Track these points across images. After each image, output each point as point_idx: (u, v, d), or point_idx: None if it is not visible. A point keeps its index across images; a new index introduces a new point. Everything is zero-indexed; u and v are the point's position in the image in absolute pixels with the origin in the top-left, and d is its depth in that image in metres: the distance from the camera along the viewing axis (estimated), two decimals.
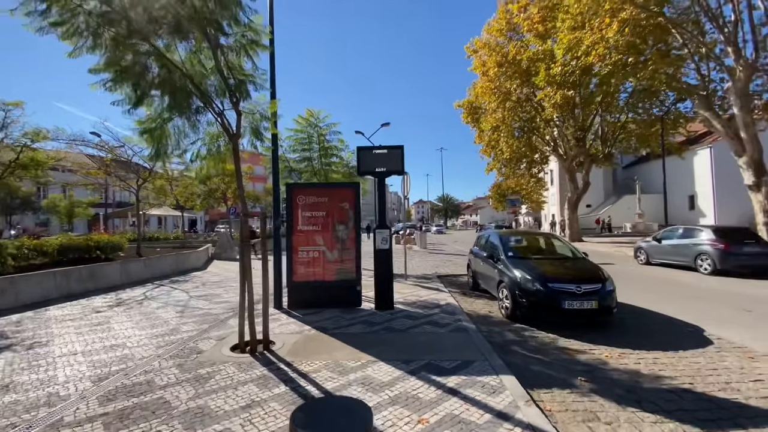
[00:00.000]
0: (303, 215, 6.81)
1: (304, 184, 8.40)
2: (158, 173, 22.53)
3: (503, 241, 7.30)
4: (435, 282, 9.92)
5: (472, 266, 8.86)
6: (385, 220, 6.81)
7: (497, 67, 21.16)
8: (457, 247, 23.76)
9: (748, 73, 11.58)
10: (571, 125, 23.69)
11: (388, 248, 6.65)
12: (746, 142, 12.29)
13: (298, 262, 6.76)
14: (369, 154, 6.78)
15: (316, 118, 9.27)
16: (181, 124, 5.14)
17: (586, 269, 6.19)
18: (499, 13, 24.51)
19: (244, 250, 4.76)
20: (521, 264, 6.40)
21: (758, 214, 12.18)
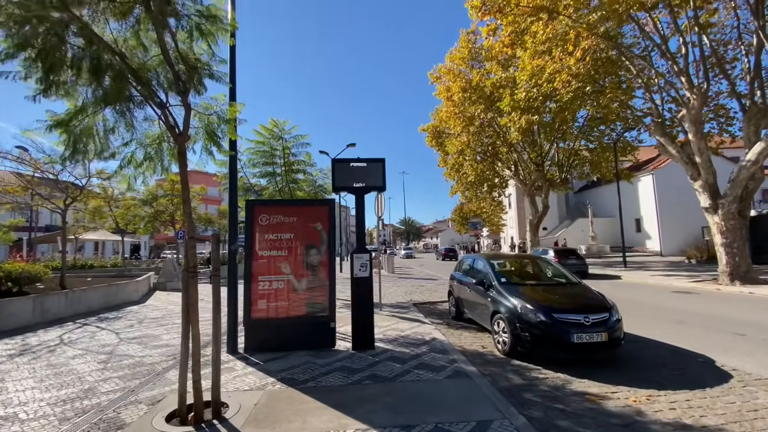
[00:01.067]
0: (266, 238, 5.72)
1: (268, 201, 7.26)
2: (94, 192, 20.13)
3: (493, 267, 6.61)
4: (413, 311, 9.02)
5: (455, 293, 8.08)
6: (364, 243, 5.89)
7: (462, 92, 21.47)
8: (425, 272, 23.10)
9: (700, 102, 12.23)
10: (531, 150, 24.41)
11: (368, 276, 5.71)
12: (701, 167, 12.86)
13: (258, 295, 5.61)
14: (346, 167, 5.91)
15: (280, 129, 8.31)
16: (113, 119, 4.04)
17: (590, 297, 5.61)
18: (462, 42, 25.31)
19: (189, 282, 3.64)
20: (517, 292, 5.71)
21: (716, 235, 12.63)
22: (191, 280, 3.65)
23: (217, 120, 4.60)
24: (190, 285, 3.64)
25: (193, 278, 3.70)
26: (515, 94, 17.76)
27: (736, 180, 11.88)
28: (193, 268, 3.67)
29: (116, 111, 3.94)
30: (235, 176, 5.95)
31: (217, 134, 4.58)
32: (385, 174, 6.02)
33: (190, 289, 3.63)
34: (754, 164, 11.40)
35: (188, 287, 3.64)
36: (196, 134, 4.39)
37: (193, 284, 3.65)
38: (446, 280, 17.45)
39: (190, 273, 3.63)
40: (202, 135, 4.51)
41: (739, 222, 12.22)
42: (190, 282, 3.65)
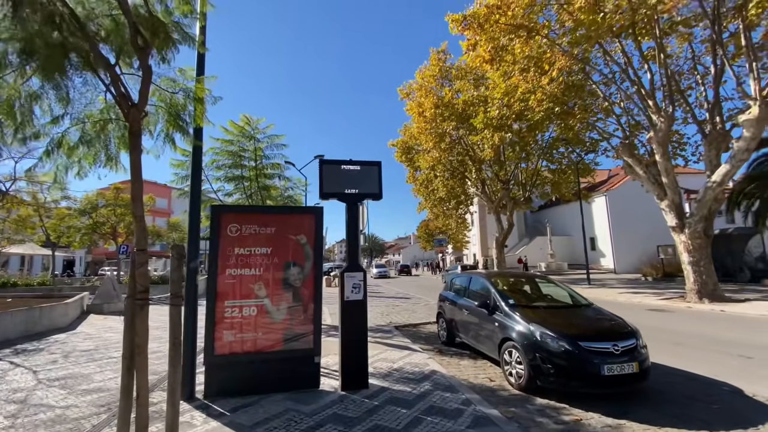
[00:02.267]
0: (235, 252, 4.65)
1: (239, 208, 6.10)
2: (18, 198, 17.52)
3: (497, 286, 5.92)
4: (396, 335, 8.11)
5: (447, 315, 7.31)
6: (357, 259, 4.99)
7: (434, 109, 21.38)
8: (394, 290, 22.25)
9: (667, 124, 12.71)
10: (499, 169, 24.76)
11: (362, 299, 4.79)
12: (667, 187, 13.28)
13: (224, 324, 4.49)
14: (336, 170, 5.03)
15: (253, 128, 7.28)
16: (38, 82, 2.98)
17: (611, 320, 5.05)
18: (432, 60, 25.53)
19: (136, 312, 2.57)
20: (530, 316, 5.03)
21: (683, 253, 12.97)
22: (140, 310, 2.58)
23: (183, 100, 3.61)
24: (138, 317, 2.57)
25: (142, 308, 2.64)
26: (488, 112, 17.85)
27: (702, 200, 12.32)
28: (144, 294, 2.60)
29: (44, 73, 2.86)
30: (200, 173, 4.86)
31: (182, 117, 3.58)
32: (381, 180, 5.21)
33: (138, 322, 2.56)
34: (719, 185, 11.89)
35: (134, 319, 2.57)
36: (155, 113, 3.37)
37: (141, 316, 2.58)
38: (420, 298, 16.82)
39: (139, 300, 2.57)
40: (163, 117, 3.49)
41: (705, 241, 12.64)
42: (137, 312, 2.58)
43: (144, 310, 2.70)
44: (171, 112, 3.49)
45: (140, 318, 2.58)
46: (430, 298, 16.74)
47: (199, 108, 3.71)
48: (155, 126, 3.58)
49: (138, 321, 2.56)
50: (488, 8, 12.10)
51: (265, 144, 7.52)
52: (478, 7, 12.40)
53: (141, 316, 2.58)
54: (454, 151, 23.55)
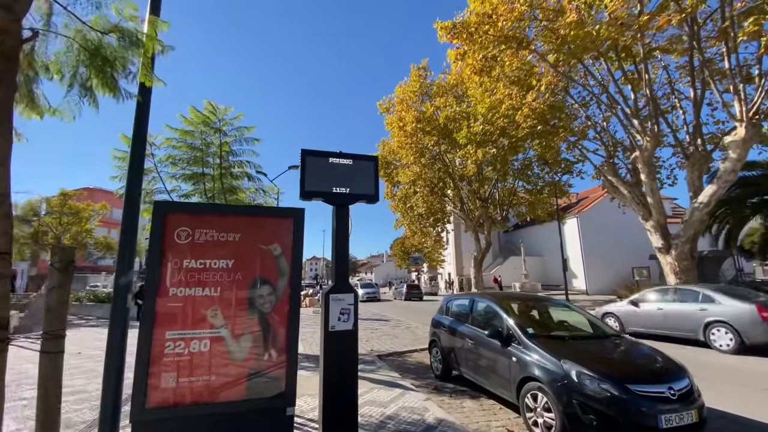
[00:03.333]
0: (184, 266, 3.45)
1: (193, 206, 4.69)
2: None
3: (509, 311, 4.97)
4: (381, 368, 6.95)
5: (443, 344, 6.26)
6: (347, 277, 3.91)
7: (415, 122, 20.88)
8: (370, 310, 20.97)
9: (653, 144, 12.59)
10: (479, 186, 24.49)
11: (352, 329, 3.70)
12: (652, 207, 13.09)
13: (162, 364, 3.25)
14: (322, 164, 4.01)
15: (219, 119, 6.14)
16: None
17: (655, 356, 4.19)
18: (413, 76, 25.33)
19: None
20: (557, 349, 4.10)
21: (669, 275, 12.68)
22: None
23: (123, 42, 2.50)
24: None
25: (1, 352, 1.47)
26: (472, 127, 17.46)
27: (689, 221, 12.13)
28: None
29: None
30: (142, 152, 3.67)
31: (114, 65, 2.47)
32: (378, 178, 4.22)
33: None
34: (706, 206, 11.74)
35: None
36: (70, 50, 2.26)
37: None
38: (400, 320, 15.61)
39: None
40: (79, 57, 2.37)
41: (691, 263, 12.40)
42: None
43: (2, 356, 1.54)
44: (94, 54, 2.38)
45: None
46: (410, 320, 15.65)
47: (145, 60, 2.61)
48: (72, 70, 2.46)
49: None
50: (478, 16, 11.68)
51: (233, 138, 6.38)
52: (468, 16, 11.98)
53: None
54: (435, 167, 23.06)
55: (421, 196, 23.91)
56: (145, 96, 3.49)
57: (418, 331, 11.97)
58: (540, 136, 16.88)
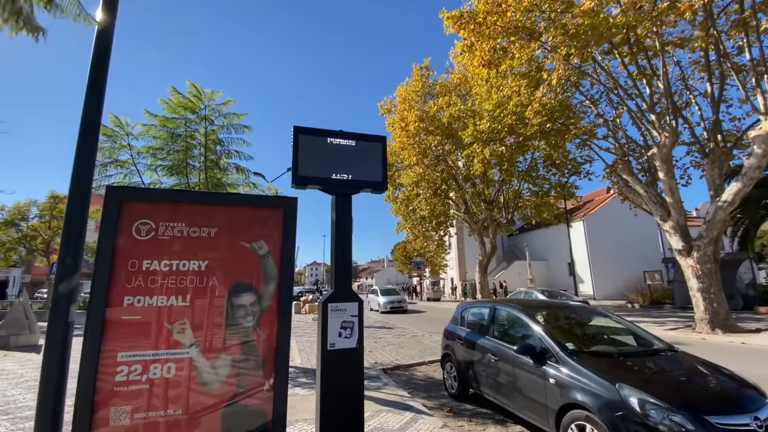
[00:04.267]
0: (144, 267, 2.73)
1: (156, 193, 3.65)
2: None
3: (540, 322, 4.23)
4: (388, 384, 6.18)
5: (458, 358, 5.50)
6: (349, 281, 3.19)
7: (418, 122, 20.23)
8: (373, 317, 20.15)
9: (672, 139, 11.90)
10: (485, 187, 23.83)
11: (356, 347, 2.96)
12: (671, 207, 12.38)
13: (113, 395, 2.52)
14: (319, 144, 3.30)
15: (205, 105, 5.45)
16: None
17: (726, 376, 3.44)
18: (415, 76, 24.78)
19: None
20: (606, 369, 3.36)
21: (690, 279, 11.92)
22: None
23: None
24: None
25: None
26: (478, 125, 16.80)
27: (712, 221, 11.40)
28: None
29: None
30: (99, 103, 2.90)
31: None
32: (386, 163, 3.52)
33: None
34: (731, 205, 11.02)
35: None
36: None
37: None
38: (404, 328, 14.76)
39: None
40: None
41: (714, 266, 11.66)
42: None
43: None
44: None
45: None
46: (416, 327, 14.86)
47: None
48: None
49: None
50: (487, 5, 11.04)
51: (221, 128, 5.68)
52: (476, 4, 11.34)
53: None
54: (438, 168, 22.39)
55: (424, 199, 23.21)
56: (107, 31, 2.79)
57: (425, 341, 11.20)
58: (549, 134, 16.21)
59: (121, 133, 5.58)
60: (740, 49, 12.12)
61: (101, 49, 2.74)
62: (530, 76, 13.28)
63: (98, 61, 2.81)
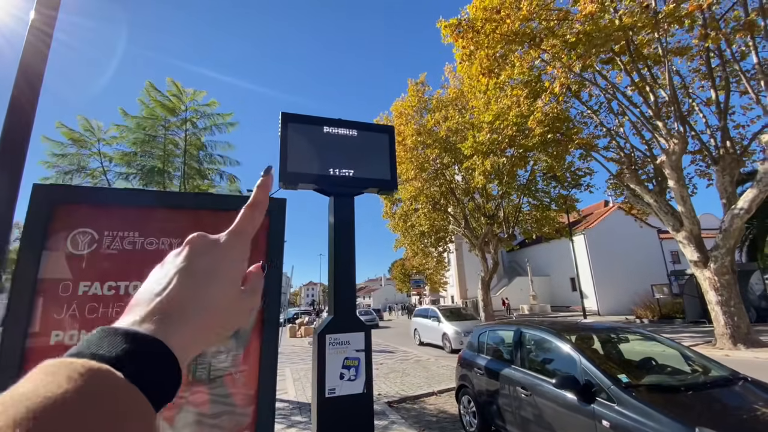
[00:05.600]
0: (80, 292, 2.05)
1: (100, 193, 2.81)
2: None
3: (582, 349, 3.54)
4: (396, 423, 5.38)
5: (477, 389, 4.75)
6: (353, 306, 2.51)
7: (416, 135, 19.88)
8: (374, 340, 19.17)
9: (681, 146, 11.47)
10: (485, 201, 23.37)
11: (363, 392, 2.26)
12: (684, 216, 11.85)
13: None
14: (313, 134, 2.68)
15: (186, 106, 4.86)
16: None
17: None
18: (410, 91, 24.67)
19: None
20: (677, 408, 2.68)
21: (708, 292, 11.29)
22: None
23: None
24: None
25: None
26: (478, 137, 16.42)
27: (729, 230, 10.85)
28: None
29: None
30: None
31: None
32: (395, 159, 2.90)
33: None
34: (747, 212, 10.51)
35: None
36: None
37: None
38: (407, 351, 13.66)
39: None
40: None
41: (732, 277, 11.05)
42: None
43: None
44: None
45: None
46: (419, 350, 13.97)
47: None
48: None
49: None
50: (486, 11, 10.76)
51: (204, 130, 5.08)
52: (474, 12, 11.05)
53: None
54: (437, 182, 21.94)
55: (423, 213, 22.66)
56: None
57: (431, 366, 10.36)
58: (551, 144, 15.83)
59: (91, 139, 4.99)
60: (743, 54, 11.88)
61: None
62: (531, 85, 12.96)
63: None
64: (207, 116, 4.92)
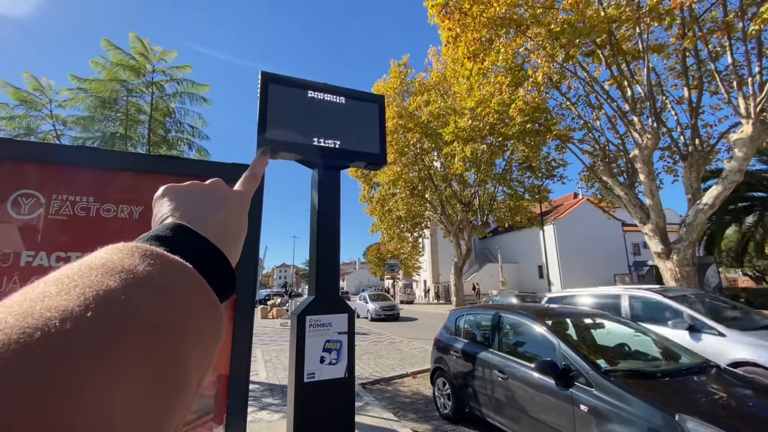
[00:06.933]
0: (23, 264, 1.78)
1: (49, 149, 2.27)
2: None
3: (563, 334, 3.55)
4: (370, 403, 5.35)
5: (453, 372, 4.75)
6: (336, 285, 2.35)
7: (397, 118, 19.58)
8: None
9: (654, 142, 11.81)
10: (462, 188, 23.53)
11: (345, 376, 2.12)
12: (651, 209, 12.31)
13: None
14: (296, 99, 2.44)
15: (154, 67, 4.43)
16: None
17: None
18: (393, 73, 24.21)
19: None
20: (657, 394, 2.72)
21: (669, 282, 11.88)
22: None
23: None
24: None
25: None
26: (459, 123, 16.35)
27: (692, 224, 11.35)
28: None
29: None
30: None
31: None
32: (385, 130, 2.71)
33: None
34: (711, 208, 10.99)
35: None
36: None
37: None
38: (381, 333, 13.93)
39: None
40: None
41: (693, 269, 11.64)
42: None
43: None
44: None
45: None
46: (393, 332, 14.09)
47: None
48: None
49: None
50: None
51: (173, 96, 4.67)
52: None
53: None
54: (416, 167, 21.85)
55: (400, 198, 22.60)
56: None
57: (403, 347, 10.44)
58: (529, 134, 16.00)
59: (42, 99, 4.48)
60: (717, 54, 12.25)
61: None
62: (514, 72, 12.93)
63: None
64: (178, 81, 4.50)
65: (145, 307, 0.24)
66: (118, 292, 0.23)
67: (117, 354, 0.21)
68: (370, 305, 21.46)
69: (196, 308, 0.27)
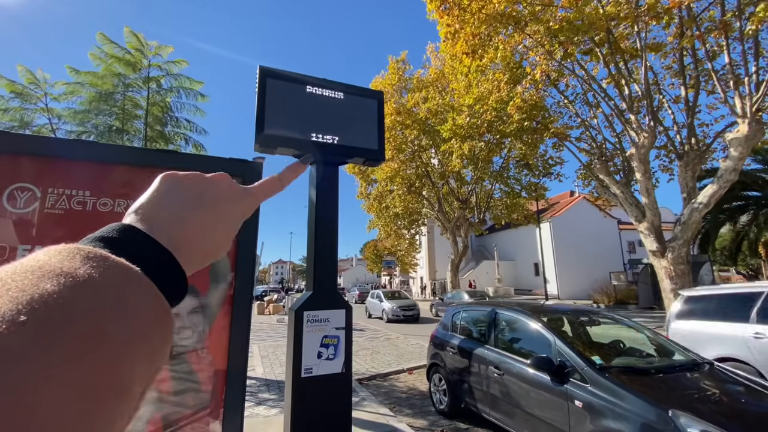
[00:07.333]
0: (18, 256, 1.76)
1: (44, 142, 2.25)
2: None
3: (557, 331, 3.58)
4: (367, 399, 5.38)
5: (449, 368, 4.78)
6: (334, 281, 2.36)
7: (395, 115, 19.54)
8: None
9: (651, 140, 11.86)
10: (459, 186, 23.58)
11: (342, 371, 2.13)
12: (647, 208, 12.39)
13: None
14: (295, 94, 2.43)
15: (149, 61, 4.40)
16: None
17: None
18: (391, 69, 24.14)
19: None
20: (651, 391, 2.75)
21: (664, 280, 11.97)
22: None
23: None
24: None
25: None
26: (457, 120, 16.35)
27: (687, 222, 11.44)
28: None
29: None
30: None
31: None
32: (384, 126, 2.71)
33: None
34: (706, 207, 11.09)
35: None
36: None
37: None
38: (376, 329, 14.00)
39: None
40: None
41: (687, 267, 11.74)
42: None
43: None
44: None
45: None
46: (389, 329, 14.15)
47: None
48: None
49: None
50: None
51: (169, 92, 4.64)
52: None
53: None
54: (414, 164, 21.86)
55: (398, 195, 22.61)
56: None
57: (399, 344, 10.49)
58: (527, 131, 16.03)
59: (37, 92, 4.44)
60: (714, 54, 12.30)
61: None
62: (512, 69, 12.93)
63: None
64: (174, 76, 4.47)
65: (83, 312, 0.23)
66: (55, 295, 0.22)
67: (49, 359, 0.20)
68: (386, 304, 18.90)
69: (141, 312, 0.26)
